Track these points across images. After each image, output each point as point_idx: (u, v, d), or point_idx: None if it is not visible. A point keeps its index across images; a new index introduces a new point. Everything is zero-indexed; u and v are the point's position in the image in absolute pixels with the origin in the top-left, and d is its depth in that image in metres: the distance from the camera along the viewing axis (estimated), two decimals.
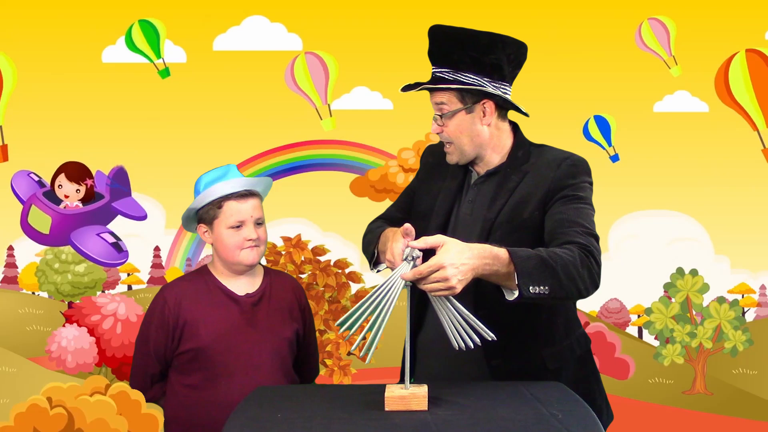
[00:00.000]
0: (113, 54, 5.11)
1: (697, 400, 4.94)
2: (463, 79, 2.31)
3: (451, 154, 2.40)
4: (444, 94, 2.33)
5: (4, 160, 4.80)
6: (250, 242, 2.61)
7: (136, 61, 5.07)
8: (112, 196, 3.94)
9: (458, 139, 2.36)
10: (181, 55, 5.14)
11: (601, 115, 4.99)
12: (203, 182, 2.65)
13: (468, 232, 2.34)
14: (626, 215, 5.10)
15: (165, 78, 5.02)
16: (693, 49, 5.01)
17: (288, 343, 2.70)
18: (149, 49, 4.90)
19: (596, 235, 2.19)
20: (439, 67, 2.34)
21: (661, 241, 5.11)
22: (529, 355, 2.33)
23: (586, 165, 2.36)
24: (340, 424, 1.87)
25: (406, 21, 4.95)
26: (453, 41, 2.31)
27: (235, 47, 5.13)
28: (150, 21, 4.96)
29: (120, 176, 3.95)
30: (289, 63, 5.02)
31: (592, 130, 4.96)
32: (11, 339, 4.83)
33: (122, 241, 3.96)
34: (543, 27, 4.98)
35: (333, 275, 4.30)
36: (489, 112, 2.34)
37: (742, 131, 4.96)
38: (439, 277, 1.93)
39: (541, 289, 2.00)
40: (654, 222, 5.10)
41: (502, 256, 2.00)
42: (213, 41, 5.14)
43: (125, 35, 5.01)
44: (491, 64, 2.30)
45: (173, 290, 2.69)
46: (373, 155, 5.18)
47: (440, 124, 2.36)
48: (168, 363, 2.69)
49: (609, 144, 4.91)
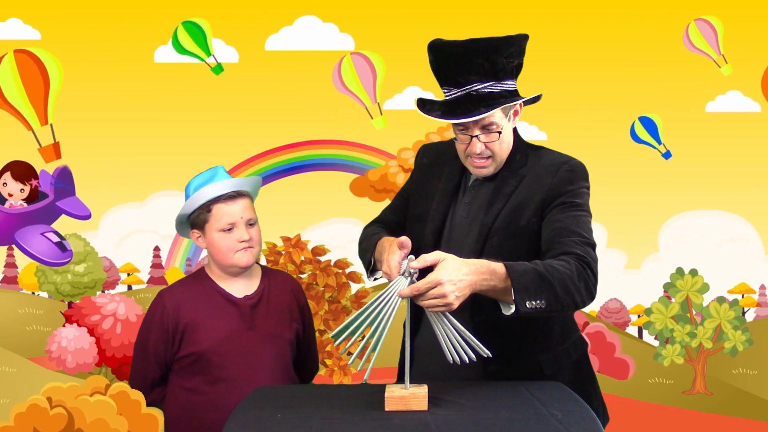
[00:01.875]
0: (165, 54, 5.12)
1: (697, 400, 4.93)
2: (508, 88, 2.21)
3: (487, 168, 2.29)
4: (494, 112, 2.19)
5: (57, 157, 4.82)
6: (243, 244, 2.59)
7: (187, 61, 5.09)
8: (56, 195, 3.95)
9: (501, 152, 2.28)
10: (233, 55, 5.15)
11: (647, 116, 4.99)
12: (192, 187, 2.62)
13: (464, 236, 2.33)
14: (676, 215, 5.11)
15: (219, 74, 5.03)
16: (745, 50, 5.00)
17: (288, 344, 2.69)
18: (198, 49, 4.91)
19: (593, 243, 2.18)
20: (480, 81, 2.18)
21: (711, 242, 5.11)
22: (526, 360, 2.33)
23: (584, 170, 2.34)
24: (340, 424, 1.87)
25: (459, 21, 4.93)
26: (494, 51, 2.17)
27: (288, 47, 5.13)
28: (194, 21, 4.97)
29: (64, 176, 3.95)
30: (336, 64, 5.02)
31: (639, 131, 4.96)
32: (11, 339, 4.83)
33: (66, 241, 3.97)
34: (594, 30, 4.99)
35: (333, 275, 4.31)
36: (518, 114, 2.30)
37: None
38: (437, 293, 1.92)
39: (538, 303, 2.00)
40: (704, 222, 5.11)
41: (499, 271, 1.99)
42: (265, 41, 5.14)
43: (172, 38, 5.02)
44: (518, 65, 2.25)
45: (171, 295, 2.67)
46: (373, 155, 5.18)
47: (486, 141, 2.23)
48: (168, 367, 2.68)
49: (659, 142, 4.91)
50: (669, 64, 5.03)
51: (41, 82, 4.67)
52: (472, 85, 2.19)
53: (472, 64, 2.17)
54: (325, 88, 5.08)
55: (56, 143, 4.74)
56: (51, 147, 4.76)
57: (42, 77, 4.66)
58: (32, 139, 4.73)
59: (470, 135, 2.24)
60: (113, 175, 5.01)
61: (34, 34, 5.06)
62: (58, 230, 4.13)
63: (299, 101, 5.08)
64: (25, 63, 4.66)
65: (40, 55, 4.67)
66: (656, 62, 5.03)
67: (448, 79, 2.22)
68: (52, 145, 4.77)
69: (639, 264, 5.09)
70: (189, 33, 4.94)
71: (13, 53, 4.65)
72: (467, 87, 2.19)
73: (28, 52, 4.69)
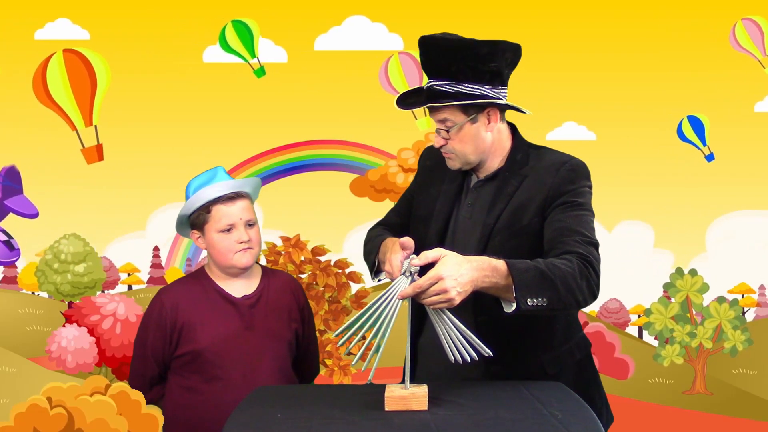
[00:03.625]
0: (214, 54, 5.14)
1: (697, 400, 4.94)
2: (465, 91, 2.25)
3: (452, 161, 2.36)
4: (446, 109, 2.27)
5: (100, 159, 4.84)
6: (242, 245, 2.59)
7: (237, 61, 5.09)
8: (3, 194, 3.94)
9: (462, 149, 2.32)
10: (282, 55, 5.16)
11: (695, 116, 5.00)
12: (192, 187, 2.63)
13: (467, 236, 2.34)
14: (724, 215, 5.12)
15: (260, 77, 5.03)
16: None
17: (287, 344, 2.69)
18: (243, 49, 4.92)
19: (596, 242, 2.18)
20: (436, 79, 2.28)
21: (759, 242, 5.11)
22: (529, 360, 2.33)
23: (586, 169, 2.34)
24: (340, 424, 1.87)
25: (505, 22, 4.98)
26: (450, 52, 2.25)
27: (336, 47, 5.16)
28: (244, 21, 4.97)
29: (12, 174, 3.95)
30: (383, 64, 5.03)
31: (686, 130, 4.97)
32: (11, 339, 4.83)
33: (14, 239, 3.97)
34: (641, 30, 5.04)
35: (333, 275, 4.31)
36: (493, 119, 2.31)
37: None
38: (438, 289, 1.92)
39: (539, 301, 2.00)
40: (752, 222, 5.12)
41: (500, 268, 2.00)
42: (314, 41, 5.16)
43: (219, 36, 5.03)
44: (491, 72, 2.27)
45: (170, 294, 2.68)
46: (373, 155, 5.18)
47: (445, 137, 2.31)
48: (166, 366, 2.68)
49: (704, 143, 4.93)
50: (718, 64, 5.05)
51: (88, 83, 4.68)
52: (431, 83, 2.29)
53: (432, 64, 2.29)
54: (375, 87, 5.09)
55: (99, 145, 4.76)
56: (94, 148, 4.78)
57: (89, 78, 4.68)
58: (75, 140, 4.73)
59: (435, 129, 2.35)
60: (160, 175, 5.01)
61: (83, 34, 5.08)
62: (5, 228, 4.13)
63: (348, 101, 5.09)
64: (73, 63, 4.67)
65: (88, 55, 4.69)
66: (705, 62, 5.05)
67: (425, 71, 2.36)
68: (95, 147, 4.78)
69: (686, 264, 5.10)
70: (237, 32, 4.95)
71: (62, 53, 4.66)
72: (430, 83, 2.30)
73: (77, 52, 4.71)
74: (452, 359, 1.98)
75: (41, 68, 4.74)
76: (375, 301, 1.97)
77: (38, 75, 4.75)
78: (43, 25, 5.08)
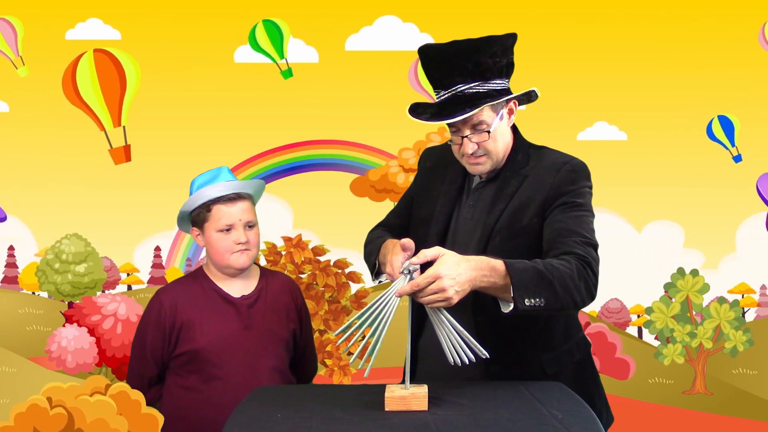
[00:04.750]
0: (246, 54, 5.13)
1: (697, 400, 4.94)
2: (496, 87, 2.23)
3: (482, 165, 2.30)
4: (481, 112, 2.21)
5: (127, 160, 4.84)
6: (240, 246, 2.60)
7: (268, 61, 5.08)
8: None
9: (496, 149, 2.28)
10: (313, 55, 5.16)
11: (725, 116, 4.99)
12: (195, 185, 2.64)
13: (468, 237, 2.33)
14: (753, 215, 5.12)
15: (287, 79, 5.02)
16: None
17: (285, 344, 2.69)
18: (272, 49, 4.91)
19: (595, 243, 2.18)
20: (464, 82, 2.20)
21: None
22: (528, 360, 2.33)
23: (586, 169, 2.33)
24: (340, 424, 1.87)
25: (536, 22, 4.96)
26: (476, 51, 2.20)
27: (368, 47, 5.16)
28: (274, 21, 4.96)
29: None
30: (412, 63, 5.02)
31: (716, 130, 4.97)
32: (11, 339, 4.84)
33: None
34: (671, 30, 5.04)
35: (333, 275, 4.31)
36: (513, 112, 2.30)
37: None
38: (436, 288, 1.92)
39: (537, 301, 2.00)
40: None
41: (499, 267, 1.99)
42: (345, 41, 5.16)
43: (249, 35, 5.01)
44: (508, 64, 2.26)
45: (169, 293, 2.68)
46: (373, 155, 5.18)
47: (477, 140, 2.25)
48: (165, 365, 2.69)
49: (732, 144, 4.92)
50: (746, 63, 5.05)
51: (118, 84, 4.68)
52: (457, 87, 2.21)
53: (456, 66, 2.20)
54: (406, 87, 5.08)
55: (127, 146, 4.76)
56: (122, 149, 4.78)
57: (119, 78, 4.68)
58: (103, 140, 4.73)
59: (461, 135, 2.26)
60: (188, 176, 5.01)
61: (114, 34, 5.07)
62: None
63: (379, 101, 5.07)
64: (104, 63, 4.67)
65: (119, 56, 4.68)
66: (734, 62, 5.05)
67: (437, 82, 2.26)
68: (123, 147, 4.78)
69: (716, 264, 5.11)
70: (267, 32, 4.94)
71: (93, 52, 4.65)
72: (453, 89, 2.22)
73: (107, 52, 4.70)
74: (451, 361, 1.98)
75: (71, 68, 4.74)
76: (375, 302, 1.97)
77: (68, 75, 4.75)
78: (74, 25, 5.07)
